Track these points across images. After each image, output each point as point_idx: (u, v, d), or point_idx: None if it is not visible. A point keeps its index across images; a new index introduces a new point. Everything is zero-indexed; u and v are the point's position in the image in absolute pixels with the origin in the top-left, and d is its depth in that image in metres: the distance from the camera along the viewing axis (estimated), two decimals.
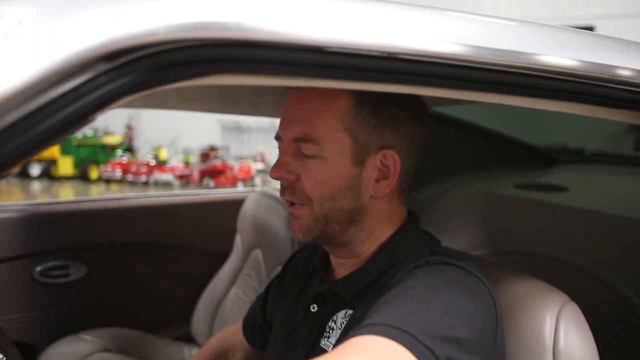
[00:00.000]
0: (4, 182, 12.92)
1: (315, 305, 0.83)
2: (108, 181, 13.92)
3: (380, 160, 0.75)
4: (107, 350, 1.60)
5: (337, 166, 0.74)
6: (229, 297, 1.74)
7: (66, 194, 12.30)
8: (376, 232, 0.78)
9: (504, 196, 1.87)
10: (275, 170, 0.76)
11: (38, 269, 1.74)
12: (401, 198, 0.80)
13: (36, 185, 12.71)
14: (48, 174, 13.19)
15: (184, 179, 13.84)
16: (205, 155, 15.15)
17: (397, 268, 0.73)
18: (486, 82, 0.61)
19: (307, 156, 0.74)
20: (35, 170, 13.11)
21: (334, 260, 0.84)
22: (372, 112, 0.73)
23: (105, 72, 0.41)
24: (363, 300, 0.74)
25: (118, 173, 13.82)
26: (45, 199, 11.74)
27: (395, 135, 0.75)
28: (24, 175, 13.11)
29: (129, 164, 14.26)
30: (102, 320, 1.75)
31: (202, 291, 1.90)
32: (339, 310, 0.78)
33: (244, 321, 1.11)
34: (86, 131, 14.67)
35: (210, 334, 1.77)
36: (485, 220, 1.79)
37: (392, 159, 0.75)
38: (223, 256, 1.88)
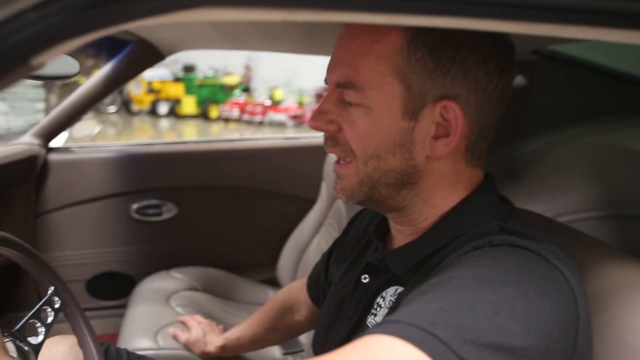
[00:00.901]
0: (137, 119, 14.01)
1: (366, 276, 0.73)
2: (226, 120, 14.54)
3: (440, 113, 0.61)
4: (193, 288, 1.65)
5: (384, 118, 0.61)
6: (312, 245, 1.70)
7: (189, 132, 13.07)
8: (436, 199, 0.66)
9: (632, 151, 1.59)
10: (314, 119, 0.65)
11: (134, 206, 1.81)
12: (470, 159, 0.65)
13: (164, 123, 13.61)
14: (174, 113, 14.04)
15: (297, 120, 14.05)
16: (319, 96, 15.14)
17: (456, 245, 0.60)
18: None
19: (350, 104, 0.63)
20: (163, 109, 14.00)
21: (392, 226, 0.73)
22: (430, 53, 0.59)
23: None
24: (414, 279, 0.62)
25: (235, 112, 14.36)
26: (170, 137, 12.56)
27: (461, 83, 0.60)
28: (154, 113, 14.07)
29: (246, 103, 14.73)
30: (192, 259, 1.80)
31: (289, 236, 1.88)
32: (389, 286, 0.68)
33: (309, 278, 1.06)
34: (207, 71, 15.33)
35: (294, 279, 1.76)
36: (606, 178, 1.54)
37: (455, 113, 0.61)
38: (311, 203, 1.83)
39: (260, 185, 1.92)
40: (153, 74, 13.47)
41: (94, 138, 1.88)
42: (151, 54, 1.63)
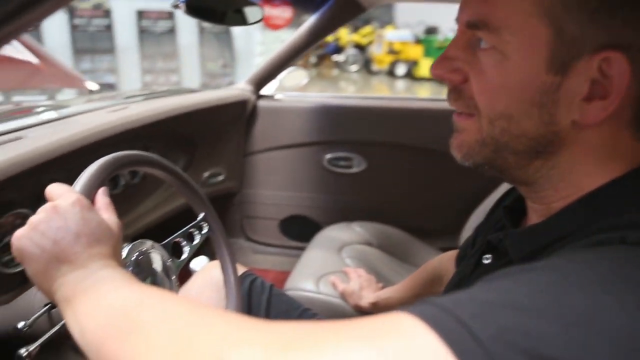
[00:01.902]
0: (375, 79, 14.53)
1: (489, 257, 0.62)
2: None
3: (599, 68, 0.46)
4: (368, 243, 1.66)
5: (522, 69, 0.49)
6: None
7: (422, 94, 13.05)
8: (578, 176, 0.52)
9: None
10: (437, 66, 0.56)
11: (327, 156, 1.89)
12: (633, 131, 0.49)
13: (399, 84, 13.82)
14: (410, 75, 14.13)
15: None
16: None
17: (580, 235, 0.47)
18: None
19: (481, 50, 0.52)
20: (400, 70, 14.19)
21: (527, 202, 0.61)
22: None
23: None
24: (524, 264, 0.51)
25: None
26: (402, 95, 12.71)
27: (635, 28, 0.45)
28: (391, 74, 14.38)
29: None
30: (374, 215, 1.81)
31: (477, 206, 1.75)
32: None
33: (460, 249, 0.97)
34: (448, 34, 14.95)
35: None
36: None
37: (620, 67, 0.46)
38: None
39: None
40: (395, 34, 13.67)
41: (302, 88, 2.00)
42: (352, 6, 1.63)
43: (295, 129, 1.90)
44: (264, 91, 1.93)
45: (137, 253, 0.71)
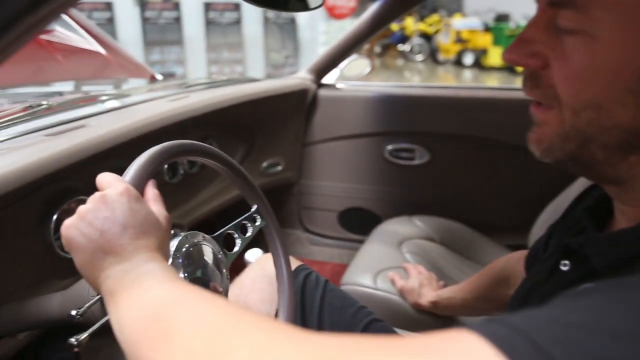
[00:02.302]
0: (441, 68, 14.21)
1: (567, 263, 0.56)
2: None
3: None
4: (429, 238, 1.60)
5: (616, 51, 0.43)
6: None
7: (491, 85, 12.60)
8: None
9: None
10: (512, 50, 0.50)
11: (389, 148, 1.83)
12: None
13: (467, 74, 13.43)
14: (478, 64, 13.69)
15: None
16: None
17: None
18: None
19: (565, 31, 0.46)
20: (468, 59, 13.77)
21: (615, 204, 0.54)
22: None
23: None
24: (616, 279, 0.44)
25: None
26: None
27: None
28: (458, 63, 13.98)
29: None
30: (437, 209, 1.74)
31: (548, 202, 1.64)
32: (587, 280, 0.50)
33: (530, 250, 0.89)
34: (520, 21, 14.37)
35: None
36: None
37: None
38: None
39: (523, 141, 1.70)
40: (463, 22, 13.25)
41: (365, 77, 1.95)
42: None
43: (356, 119, 1.85)
44: (324, 80, 1.89)
45: (188, 245, 0.70)
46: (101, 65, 2.07)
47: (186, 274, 0.66)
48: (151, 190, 0.60)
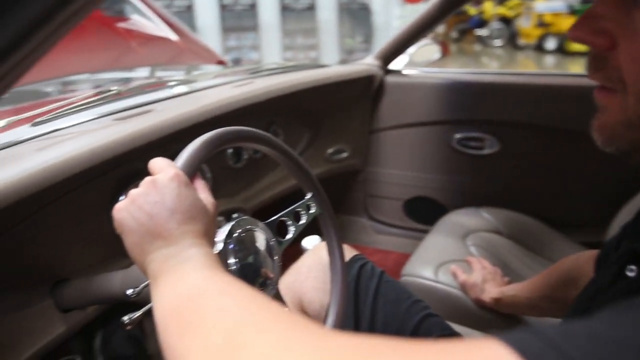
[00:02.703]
0: (521, 54, 13.61)
1: (633, 269, 0.51)
2: None
3: None
4: (496, 232, 1.53)
5: None
6: None
7: (572, 70, 11.91)
8: None
9: None
10: (577, 26, 0.45)
11: (457, 136, 1.77)
12: None
13: (548, 60, 12.78)
14: (562, 49, 12.98)
15: None
16: None
17: None
18: None
19: (637, 7, 0.41)
20: (550, 44, 13.07)
21: None
22: None
23: None
24: None
25: None
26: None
27: None
28: (539, 48, 13.32)
29: None
30: (506, 201, 1.66)
31: (629, 199, 1.52)
32: None
33: (601, 249, 0.83)
34: None
35: None
36: None
37: None
38: None
39: None
40: (546, 5, 12.56)
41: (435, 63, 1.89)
42: None
43: (424, 106, 1.80)
44: (392, 66, 1.85)
45: (240, 230, 0.70)
46: (174, 52, 2.13)
47: (237, 260, 0.67)
48: (199, 180, 0.61)
